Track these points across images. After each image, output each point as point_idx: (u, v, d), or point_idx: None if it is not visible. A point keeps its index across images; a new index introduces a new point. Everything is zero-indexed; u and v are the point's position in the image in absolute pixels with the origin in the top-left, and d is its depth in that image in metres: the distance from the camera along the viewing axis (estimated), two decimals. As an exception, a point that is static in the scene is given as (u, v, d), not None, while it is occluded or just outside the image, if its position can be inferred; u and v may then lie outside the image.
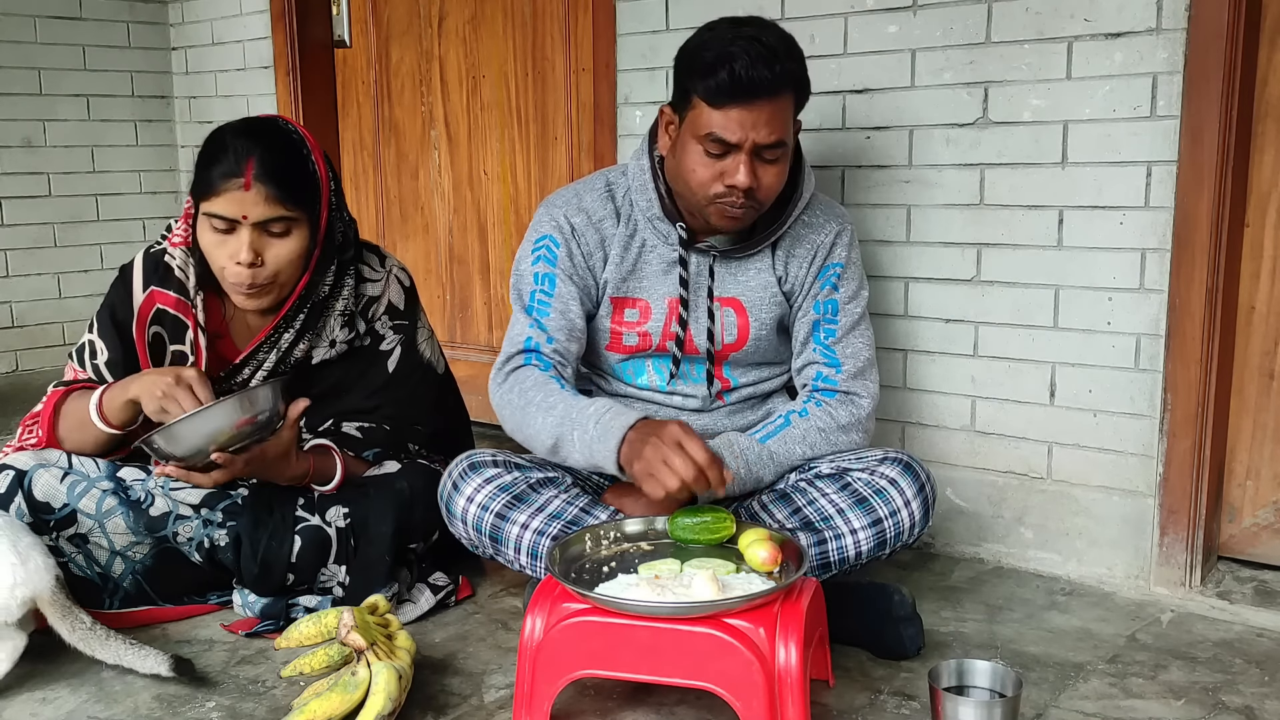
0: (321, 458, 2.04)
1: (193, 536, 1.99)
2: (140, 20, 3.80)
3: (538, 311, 1.97)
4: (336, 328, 2.08)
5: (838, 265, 1.99)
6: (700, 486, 1.69)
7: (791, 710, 1.47)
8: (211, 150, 1.92)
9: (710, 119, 1.79)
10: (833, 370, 1.99)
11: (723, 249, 1.96)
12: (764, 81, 1.76)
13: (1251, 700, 1.71)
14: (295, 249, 1.95)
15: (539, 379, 1.91)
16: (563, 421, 1.83)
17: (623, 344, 2.03)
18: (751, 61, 1.75)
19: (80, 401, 1.99)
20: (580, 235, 1.98)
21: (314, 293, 2.03)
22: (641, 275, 2.00)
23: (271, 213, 1.90)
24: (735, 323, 2.00)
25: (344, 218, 2.07)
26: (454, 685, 1.78)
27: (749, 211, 1.87)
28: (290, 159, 1.94)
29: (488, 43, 3.14)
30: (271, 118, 2.02)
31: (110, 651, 1.75)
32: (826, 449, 1.94)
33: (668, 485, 1.68)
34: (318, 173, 1.98)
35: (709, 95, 1.79)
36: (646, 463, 1.71)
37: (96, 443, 1.99)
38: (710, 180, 1.83)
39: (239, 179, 1.87)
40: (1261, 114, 2.05)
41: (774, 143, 1.80)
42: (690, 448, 1.69)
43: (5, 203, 3.59)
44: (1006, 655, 1.86)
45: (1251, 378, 2.13)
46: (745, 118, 1.77)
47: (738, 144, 1.79)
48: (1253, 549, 2.18)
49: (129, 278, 2.06)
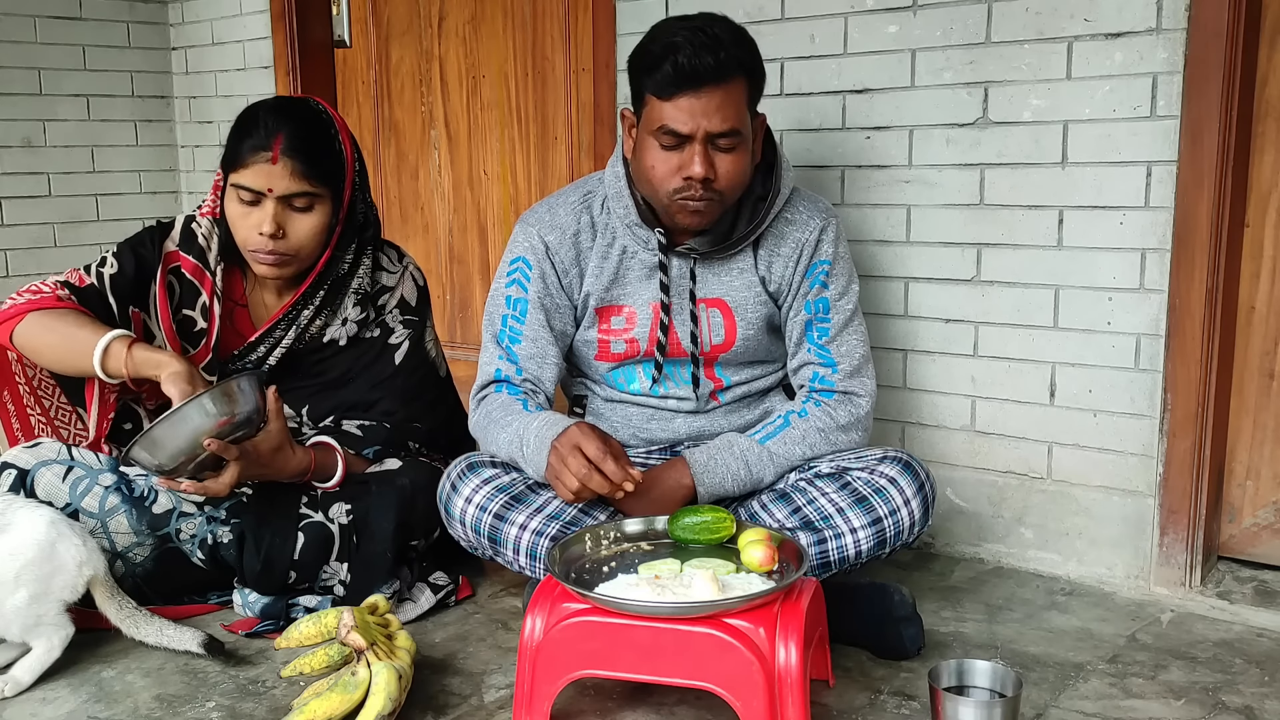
0: (323, 454, 2.04)
1: (196, 534, 1.99)
2: (140, 20, 3.79)
3: (509, 340, 1.99)
4: (350, 305, 2.12)
5: (825, 262, 1.97)
6: (599, 486, 1.70)
7: (791, 710, 1.47)
8: (243, 124, 1.98)
9: (662, 112, 1.80)
10: (829, 370, 1.98)
11: (703, 250, 1.95)
12: (709, 68, 1.77)
13: (1251, 700, 1.71)
14: (317, 224, 2.00)
15: (504, 401, 1.94)
16: (513, 439, 1.87)
17: (611, 352, 2.03)
18: (695, 50, 1.76)
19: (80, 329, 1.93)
20: (554, 253, 1.99)
21: (334, 269, 2.07)
22: (624, 282, 2.00)
23: (296, 187, 1.95)
24: (722, 324, 2.00)
25: (366, 199, 2.11)
26: (454, 685, 1.78)
27: (711, 204, 1.85)
28: (318, 137, 1.99)
29: (488, 43, 3.14)
30: (304, 98, 2.08)
31: (153, 630, 1.84)
32: (826, 449, 1.94)
33: (569, 486, 1.72)
34: (344, 153, 2.03)
35: (658, 89, 1.80)
36: (551, 469, 1.76)
37: (65, 368, 1.98)
38: (668, 175, 1.83)
39: (267, 153, 1.93)
40: (1261, 114, 2.05)
41: (726, 130, 1.80)
42: (586, 448, 1.71)
43: (5, 203, 3.58)
44: (1006, 655, 1.86)
45: (1251, 378, 2.13)
46: (695, 106, 1.78)
47: (690, 134, 1.79)
48: (1253, 549, 2.18)
49: (168, 230, 2.10)
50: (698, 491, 1.89)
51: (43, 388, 2.10)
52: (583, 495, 1.73)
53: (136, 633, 1.84)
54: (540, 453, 1.79)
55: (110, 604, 1.83)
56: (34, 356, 2.00)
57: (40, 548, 1.74)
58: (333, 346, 2.13)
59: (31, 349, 1.98)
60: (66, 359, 1.96)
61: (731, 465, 1.90)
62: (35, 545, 1.74)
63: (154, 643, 1.84)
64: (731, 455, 1.89)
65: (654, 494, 1.87)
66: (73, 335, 1.93)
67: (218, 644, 1.84)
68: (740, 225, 1.95)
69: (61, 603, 1.77)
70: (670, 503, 1.85)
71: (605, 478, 1.70)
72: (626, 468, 1.71)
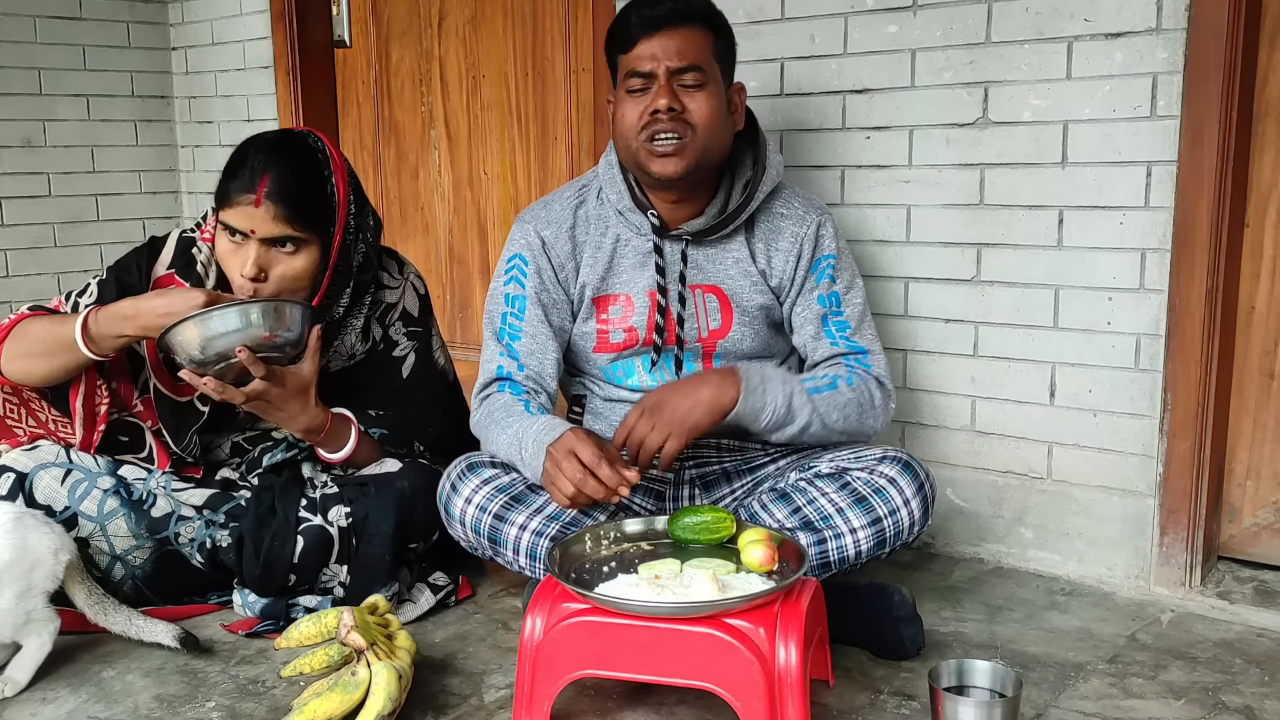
0: (339, 421, 2.04)
1: (195, 537, 1.99)
2: (140, 20, 3.79)
3: (509, 337, 2.00)
4: (354, 340, 2.11)
5: (830, 257, 1.99)
6: (594, 491, 1.70)
7: (791, 710, 1.47)
8: (234, 161, 1.94)
9: (627, 62, 1.89)
10: (861, 356, 1.98)
11: (694, 232, 1.96)
12: (666, 12, 1.86)
13: (1251, 700, 1.71)
14: (302, 268, 1.96)
15: (506, 402, 1.94)
16: (512, 442, 1.86)
17: (610, 342, 2.03)
18: (654, 2, 1.86)
19: (54, 326, 1.92)
20: (550, 248, 2.00)
21: (326, 315, 2.03)
22: (619, 270, 2.00)
23: (279, 231, 1.91)
24: (718, 308, 2.00)
25: (366, 239, 2.05)
26: (454, 685, 1.78)
27: (682, 145, 1.86)
28: (307, 180, 1.94)
29: (488, 43, 3.14)
30: (303, 134, 2.02)
31: (121, 619, 1.83)
32: (853, 427, 1.92)
33: (564, 491, 1.72)
34: (335, 195, 1.98)
35: (623, 44, 1.89)
36: (546, 474, 1.76)
37: (64, 369, 1.94)
38: (637, 118, 1.88)
39: (251, 194, 1.89)
40: (1261, 114, 2.05)
41: (686, 66, 1.86)
42: (581, 453, 1.71)
43: (5, 203, 3.58)
44: (1006, 655, 1.86)
45: (1251, 378, 2.13)
46: (654, 47, 1.86)
47: (651, 72, 1.86)
48: (1253, 549, 2.18)
49: (157, 251, 2.07)
50: (735, 407, 1.83)
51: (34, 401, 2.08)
52: (578, 500, 1.73)
53: (104, 620, 1.83)
54: (537, 457, 1.79)
55: (80, 589, 1.82)
56: (26, 379, 1.98)
57: (14, 547, 1.72)
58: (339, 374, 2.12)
59: (22, 372, 1.96)
60: (55, 361, 1.93)
61: (778, 399, 1.86)
62: (9, 545, 1.71)
63: (120, 631, 1.84)
64: (783, 387, 1.86)
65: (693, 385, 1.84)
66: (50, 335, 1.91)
67: (192, 638, 1.83)
68: (731, 205, 1.96)
69: (45, 595, 1.76)
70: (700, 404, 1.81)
71: (600, 482, 1.70)
72: (622, 471, 1.71)
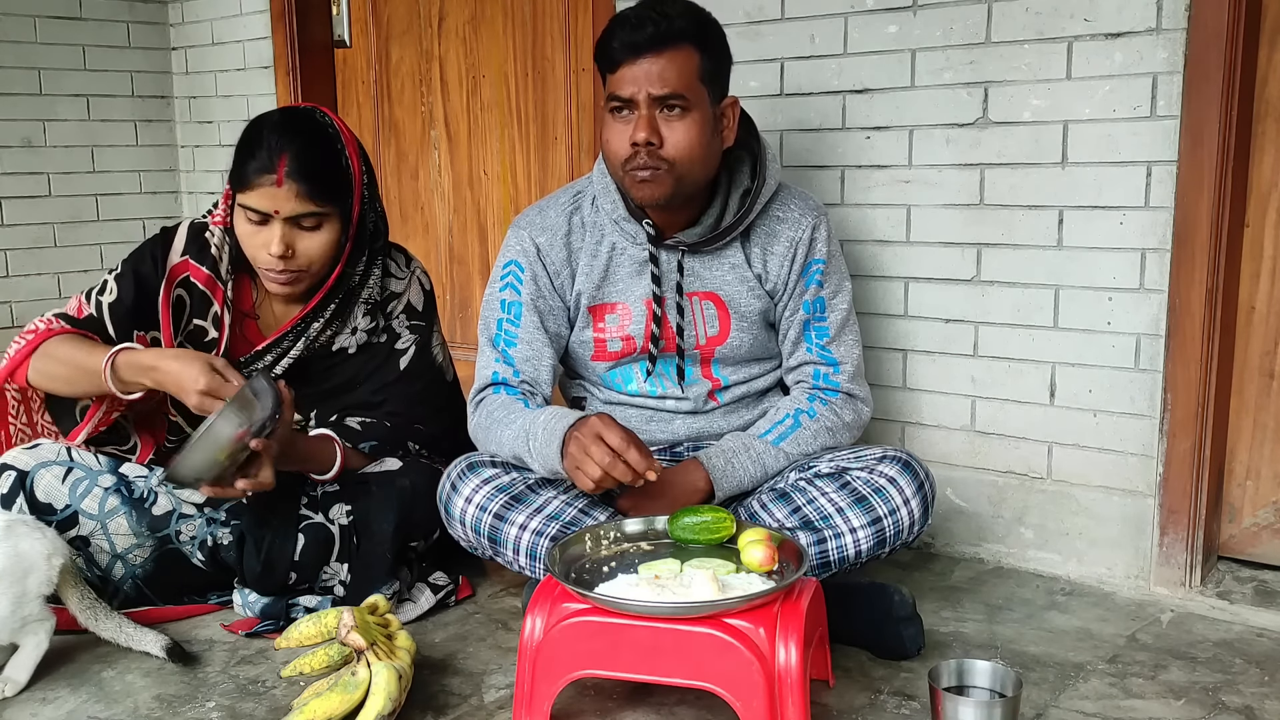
0: (321, 444, 2.04)
1: (196, 535, 1.99)
2: (140, 20, 3.79)
3: (505, 343, 2.00)
4: (360, 314, 2.11)
5: (819, 261, 1.99)
6: (623, 475, 1.69)
7: (791, 710, 1.47)
8: (247, 144, 1.95)
9: (610, 83, 1.85)
10: (831, 369, 2.00)
11: (690, 243, 1.95)
12: (648, 36, 1.80)
13: (1251, 700, 1.71)
14: (326, 242, 1.98)
15: (504, 401, 1.94)
16: (519, 435, 1.86)
17: (608, 351, 2.03)
18: (637, 22, 1.81)
19: (82, 355, 1.94)
20: (546, 255, 1.99)
21: (346, 283, 2.06)
22: (615, 279, 2.00)
23: (303, 209, 1.93)
24: (715, 315, 2.00)
25: (376, 209, 2.10)
26: (454, 685, 1.78)
27: (659, 175, 1.84)
28: (324, 155, 1.97)
29: (488, 43, 3.14)
30: (309, 110, 2.04)
31: (111, 625, 1.82)
32: (826, 445, 1.97)
33: (591, 475, 1.70)
34: (350, 168, 2.01)
35: (607, 65, 1.85)
36: (571, 458, 1.74)
37: (87, 394, 1.99)
38: (620, 146, 1.86)
39: (271, 175, 1.90)
40: (1261, 114, 2.05)
41: (667, 94, 1.81)
42: (609, 437, 1.70)
43: (5, 203, 3.58)
44: (1006, 655, 1.86)
45: (1251, 378, 2.13)
46: (636, 73, 1.81)
47: (631, 98, 1.82)
48: (1253, 549, 2.18)
49: (170, 239, 2.07)
50: (715, 495, 1.90)
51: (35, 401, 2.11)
52: (604, 484, 1.71)
53: (95, 626, 1.82)
54: (550, 445, 1.78)
55: (73, 593, 1.82)
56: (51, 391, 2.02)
57: (7, 555, 1.71)
58: (341, 354, 2.12)
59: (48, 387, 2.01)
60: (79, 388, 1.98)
61: (750, 469, 1.91)
62: (1, 554, 1.71)
63: (110, 638, 1.83)
64: (749, 459, 1.90)
65: (670, 496, 1.87)
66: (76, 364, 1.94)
67: (179, 649, 1.82)
68: (727, 218, 1.95)
69: (41, 598, 1.75)
70: (677, 503, 1.85)
71: (629, 466, 1.69)
72: (648, 458, 1.71)
